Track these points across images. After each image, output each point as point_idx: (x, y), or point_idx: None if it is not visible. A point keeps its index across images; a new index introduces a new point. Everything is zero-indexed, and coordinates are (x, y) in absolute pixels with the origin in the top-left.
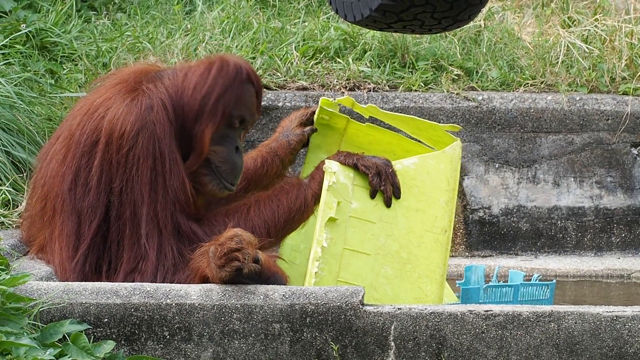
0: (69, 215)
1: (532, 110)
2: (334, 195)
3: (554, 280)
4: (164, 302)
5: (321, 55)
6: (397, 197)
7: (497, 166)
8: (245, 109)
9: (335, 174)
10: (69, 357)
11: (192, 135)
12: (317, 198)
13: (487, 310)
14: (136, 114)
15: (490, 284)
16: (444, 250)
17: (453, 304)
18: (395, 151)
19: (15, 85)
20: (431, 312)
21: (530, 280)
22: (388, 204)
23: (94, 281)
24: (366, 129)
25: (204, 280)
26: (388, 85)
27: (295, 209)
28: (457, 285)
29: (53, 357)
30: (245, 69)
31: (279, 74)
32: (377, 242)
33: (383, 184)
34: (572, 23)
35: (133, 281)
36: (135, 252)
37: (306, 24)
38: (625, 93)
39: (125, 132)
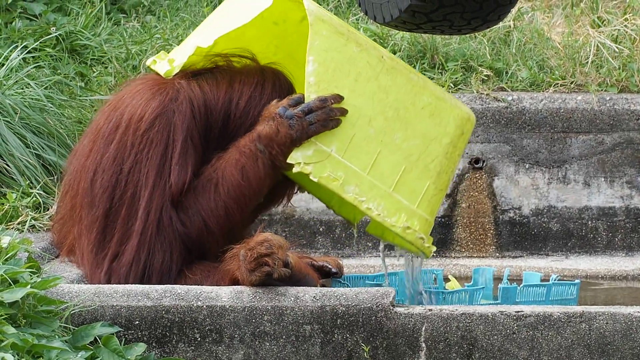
0: (87, 206)
1: (562, 110)
2: None
3: (579, 280)
4: (195, 304)
5: None
6: None
7: (527, 167)
8: None
9: None
10: None
11: (245, 131)
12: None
13: (518, 311)
14: (159, 101)
15: (512, 285)
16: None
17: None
18: None
19: (46, 88)
20: (462, 313)
21: (548, 281)
22: None
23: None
24: None
25: (235, 282)
26: None
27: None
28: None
29: None
30: (293, 86)
31: None
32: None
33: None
34: (602, 23)
35: (113, 262)
36: (124, 232)
37: None
38: None
39: (144, 116)
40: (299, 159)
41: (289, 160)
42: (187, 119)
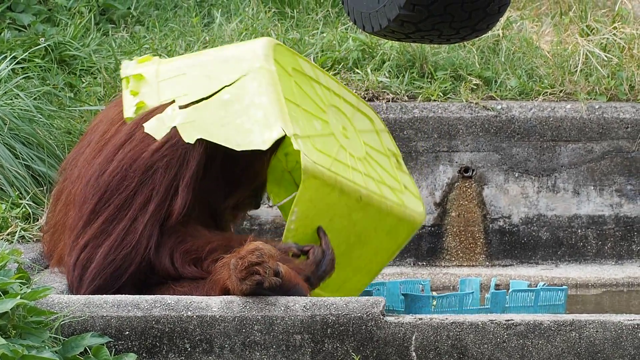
0: (78, 204)
1: (551, 119)
2: None
3: (566, 287)
4: (185, 314)
5: (340, 66)
6: None
7: (516, 175)
8: None
9: None
10: None
11: (248, 164)
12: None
13: (508, 320)
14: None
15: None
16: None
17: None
18: None
19: (35, 99)
20: (452, 322)
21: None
22: None
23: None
24: None
25: (225, 291)
26: (407, 96)
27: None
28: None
29: None
30: None
31: None
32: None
33: None
34: (591, 31)
35: (85, 248)
36: (107, 226)
37: (324, 34)
38: None
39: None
40: None
41: None
42: (203, 143)
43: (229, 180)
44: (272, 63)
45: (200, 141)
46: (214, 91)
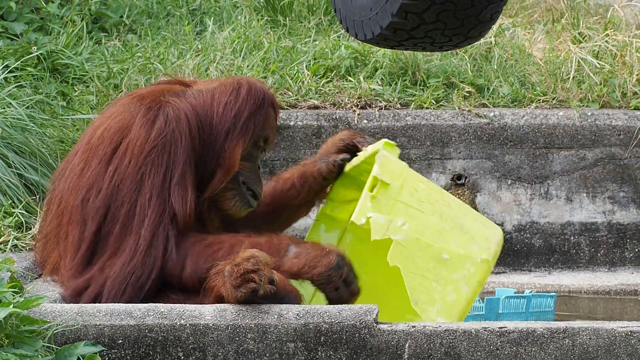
0: (77, 224)
1: (543, 126)
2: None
3: (554, 293)
4: (178, 323)
5: (332, 74)
6: None
7: (509, 182)
8: (269, 129)
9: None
10: None
11: (220, 152)
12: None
13: (501, 327)
14: (161, 123)
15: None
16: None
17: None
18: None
19: (27, 107)
20: (445, 330)
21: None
22: None
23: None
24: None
25: (219, 298)
26: (399, 103)
27: None
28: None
29: None
30: (269, 92)
31: (290, 93)
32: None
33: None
34: (583, 39)
35: (97, 272)
36: (116, 248)
37: (317, 42)
38: (636, 108)
39: (144, 139)
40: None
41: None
42: (187, 140)
43: (201, 170)
44: (495, 259)
45: (185, 124)
46: (438, 244)
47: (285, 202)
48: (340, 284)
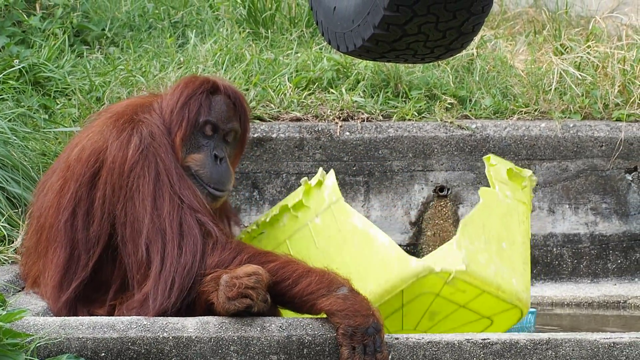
0: (64, 246)
1: (525, 137)
2: None
3: (535, 309)
4: (161, 336)
5: (314, 86)
6: None
7: None
8: (215, 116)
9: None
10: None
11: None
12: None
13: (484, 339)
14: (137, 141)
15: None
16: None
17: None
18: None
19: (9, 120)
20: (428, 342)
21: None
22: None
23: (85, 311)
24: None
25: (208, 304)
26: (382, 115)
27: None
28: None
29: None
30: (214, 80)
31: (272, 105)
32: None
33: None
34: (565, 50)
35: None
36: (138, 266)
37: (299, 55)
38: (618, 119)
39: (127, 158)
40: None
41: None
42: (168, 148)
43: None
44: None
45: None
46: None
47: None
48: (358, 346)
